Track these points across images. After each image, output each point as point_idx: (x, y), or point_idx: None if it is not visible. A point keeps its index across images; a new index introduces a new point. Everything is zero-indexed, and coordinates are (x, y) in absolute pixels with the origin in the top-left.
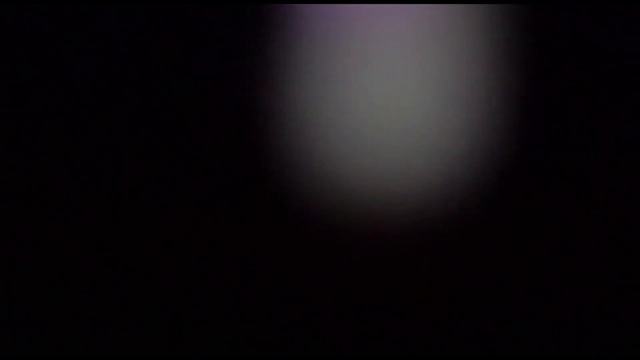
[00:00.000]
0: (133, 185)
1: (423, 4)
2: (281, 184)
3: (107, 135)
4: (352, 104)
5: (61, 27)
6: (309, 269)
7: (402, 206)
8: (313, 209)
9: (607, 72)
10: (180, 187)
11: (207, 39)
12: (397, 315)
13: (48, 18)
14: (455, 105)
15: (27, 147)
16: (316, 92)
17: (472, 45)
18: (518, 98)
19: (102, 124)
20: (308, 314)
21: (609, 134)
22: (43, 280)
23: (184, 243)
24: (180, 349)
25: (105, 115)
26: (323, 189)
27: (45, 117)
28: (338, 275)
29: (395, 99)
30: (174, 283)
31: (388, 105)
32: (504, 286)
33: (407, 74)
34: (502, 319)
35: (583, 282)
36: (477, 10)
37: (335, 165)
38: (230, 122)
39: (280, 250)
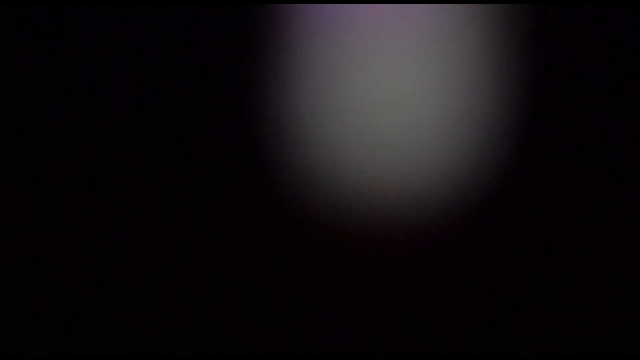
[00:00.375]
0: (133, 185)
1: (423, 4)
2: (281, 184)
3: (107, 136)
4: (352, 104)
5: (61, 27)
6: (308, 269)
7: (403, 206)
8: (313, 209)
9: (608, 72)
10: (180, 187)
11: (207, 39)
12: (398, 316)
13: (48, 18)
14: (456, 105)
15: (27, 147)
16: (316, 92)
17: (472, 45)
18: (519, 98)
19: (102, 124)
20: (308, 314)
21: (610, 134)
22: (43, 280)
23: (184, 243)
24: (180, 349)
25: (105, 116)
26: (323, 189)
27: (45, 117)
28: (338, 275)
29: (396, 98)
30: (173, 283)
31: (389, 105)
32: (504, 286)
33: (407, 74)
34: (503, 319)
35: (583, 283)
36: (477, 10)
37: (336, 165)
38: (230, 122)
39: (280, 250)
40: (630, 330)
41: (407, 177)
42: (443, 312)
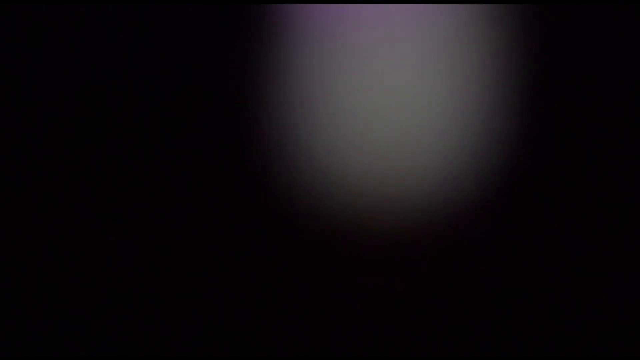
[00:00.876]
0: (131, 185)
1: (424, 4)
2: (280, 184)
3: (104, 134)
4: (352, 104)
5: (60, 26)
6: (308, 271)
7: (403, 208)
8: (312, 209)
9: (610, 72)
10: (178, 187)
11: (206, 39)
12: (397, 317)
13: (48, 18)
14: (457, 106)
15: (27, 147)
16: (316, 92)
17: (473, 45)
18: (520, 98)
19: (98, 123)
20: (307, 316)
21: (611, 135)
22: (43, 280)
23: (182, 244)
24: (179, 349)
25: (101, 115)
26: (323, 190)
27: (43, 117)
28: (337, 277)
29: (396, 99)
30: (171, 284)
31: (389, 105)
32: (505, 288)
33: (408, 75)
34: (503, 321)
35: (584, 284)
36: (478, 10)
37: (336, 166)
38: (229, 122)
39: (279, 252)
40: (630, 331)
41: (408, 177)
42: (443, 313)
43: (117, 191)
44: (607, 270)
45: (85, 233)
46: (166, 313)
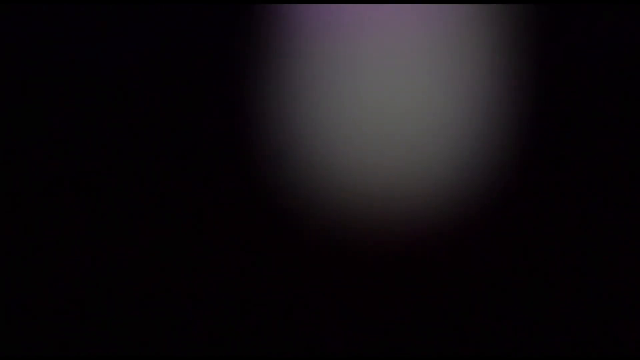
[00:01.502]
0: (128, 186)
1: (425, 4)
2: (278, 186)
3: (103, 134)
4: (352, 105)
5: (60, 26)
6: (306, 272)
7: (404, 209)
8: (311, 211)
9: (611, 72)
10: (176, 188)
11: (205, 39)
12: (397, 318)
13: (48, 18)
14: (459, 107)
15: (27, 147)
16: (316, 92)
17: (475, 45)
18: (522, 99)
19: (97, 122)
20: (306, 318)
21: (614, 136)
22: (43, 280)
23: (181, 244)
24: (178, 349)
25: (100, 113)
26: (323, 192)
27: (42, 116)
28: (336, 279)
29: (396, 100)
30: (169, 284)
31: (389, 106)
32: (507, 289)
33: (408, 75)
34: (504, 322)
35: (586, 286)
36: (480, 10)
37: (335, 168)
38: (229, 123)
39: (278, 253)
40: (630, 332)
41: (408, 179)
42: (444, 314)
43: (116, 191)
44: (607, 271)
45: (80, 233)
46: (164, 313)
